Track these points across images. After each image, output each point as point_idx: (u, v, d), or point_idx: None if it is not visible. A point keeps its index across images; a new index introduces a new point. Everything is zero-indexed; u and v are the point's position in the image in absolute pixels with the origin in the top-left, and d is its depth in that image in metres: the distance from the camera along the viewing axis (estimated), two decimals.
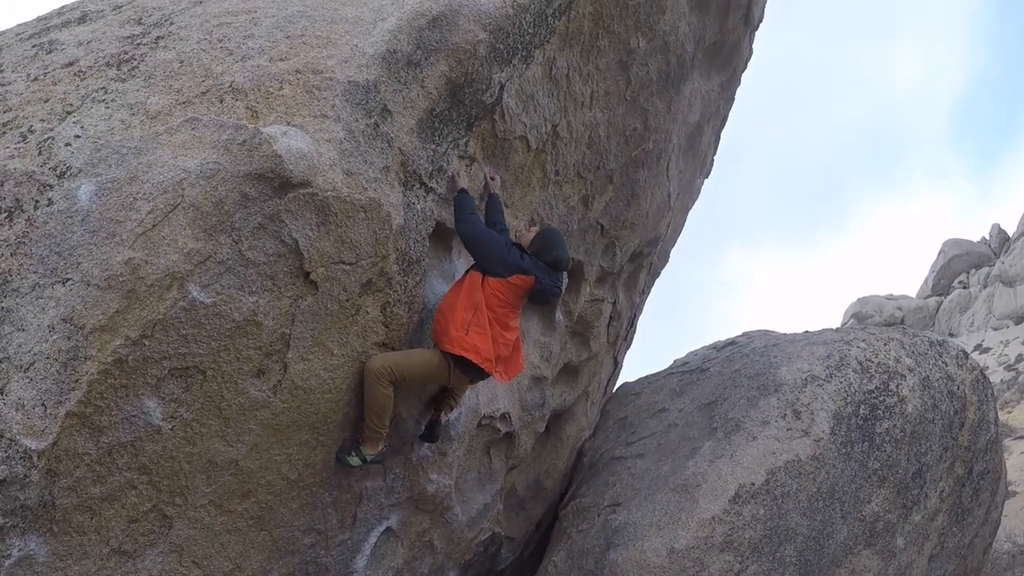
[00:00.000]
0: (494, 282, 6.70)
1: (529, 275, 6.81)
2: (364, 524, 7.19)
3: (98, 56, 6.09)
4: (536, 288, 6.88)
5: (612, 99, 9.04)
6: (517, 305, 6.95)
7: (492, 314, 6.68)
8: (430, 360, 6.62)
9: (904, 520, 9.31)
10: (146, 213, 4.95)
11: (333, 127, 5.67)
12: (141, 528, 5.40)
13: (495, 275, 6.71)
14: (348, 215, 5.69)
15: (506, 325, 6.85)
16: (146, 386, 5.03)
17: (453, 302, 6.64)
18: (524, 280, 6.81)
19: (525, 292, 6.89)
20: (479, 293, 6.65)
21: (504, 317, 6.80)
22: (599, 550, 8.64)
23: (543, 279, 6.89)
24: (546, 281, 6.91)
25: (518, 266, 6.78)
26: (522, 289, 6.85)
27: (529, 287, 6.86)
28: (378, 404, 6.36)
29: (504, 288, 6.72)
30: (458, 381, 6.84)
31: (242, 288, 5.27)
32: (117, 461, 5.07)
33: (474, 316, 6.59)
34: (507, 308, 6.81)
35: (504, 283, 6.73)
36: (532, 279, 6.84)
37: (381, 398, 6.34)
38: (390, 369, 6.35)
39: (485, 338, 6.61)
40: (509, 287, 6.75)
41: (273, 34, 6.12)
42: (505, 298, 6.76)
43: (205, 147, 5.20)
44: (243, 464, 5.75)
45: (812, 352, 9.89)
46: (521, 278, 6.79)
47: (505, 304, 6.77)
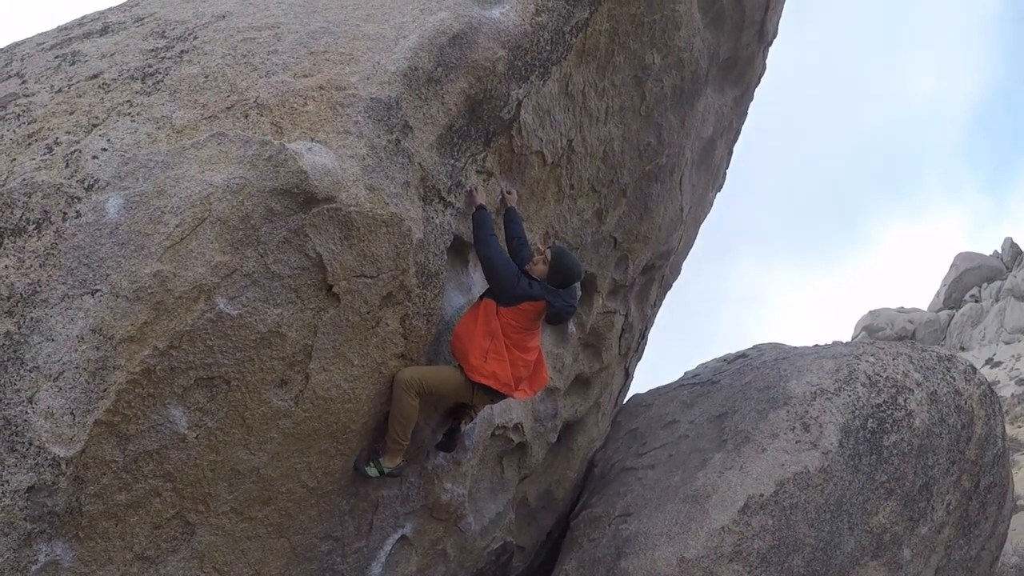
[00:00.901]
0: (505, 311, 6.83)
1: (539, 300, 6.90)
2: (380, 532, 7.29)
3: (122, 69, 6.18)
4: (549, 312, 6.99)
5: (627, 114, 9.12)
6: (533, 328, 7.07)
7: (509, 340, 6.84)
8: (455, 378, 6.79)
9: (911, 532, 9.38)
10: (174, 226, 5.06)
11: (356, 143, 5.78)
12: (164, 534, 5.50)
13: (506, 305, 6.85)
14: (370, 229, 5.80)
15: (524, 347, 6.98)
16: (172, 395, 5.14)
17: (471, 328, 6.77)
18: (534, 306, 6.94)
19: (539, 314, 7.00)
20: (495, 321, 6.80)
21: (521, 341, 6.95)
22: (610, 559, 8.74)
23: (555, 302, 6.98)
24: (558, 304, 7.00)
25: (526, 295, 6.86)
26: (534, 312, 6.98)
27: (541, 310, 6.97)
28: (404, 414, 6.50)
29: (516, 315, 6.88)
30: (480, 400, 6.99)
31: (267, 300, 5.39)
32: (143, 468, 5.18)
33: (492, 344, 6.74)
34: (523, 333, 6.96)
35: (516, 311, 6.87)
36: (543, 303, 6.94)
37: (408, 408, 6.48)
38: (419, 381, 6.51)
39: (504, 364, 6.75)
40: (521, 313, 6.90)
41: (296, 50, 6.22)
42: (520, 324, 6.91)
43: (231, 162, 5.30)
44: (264, 472, 5.86)
45: (821, 366, 9.97)
46: (531, 304, 6.89)
47: (520, 329, 6.93)
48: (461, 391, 6.83)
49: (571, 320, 9.54)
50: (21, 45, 7.24)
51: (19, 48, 7.13)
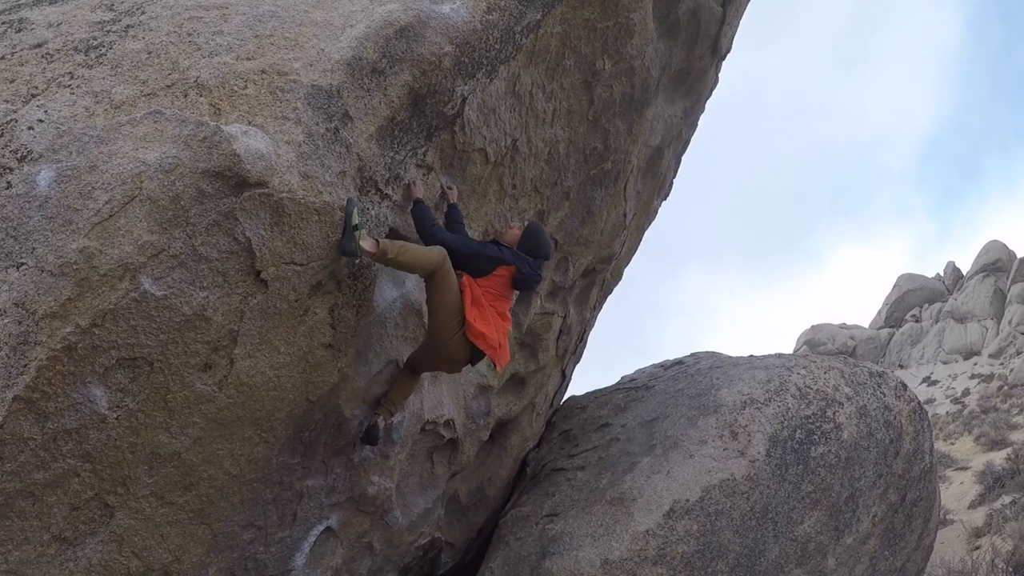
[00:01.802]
0: (483, 280, 6.96)
1: (510, 264, 7.09)
2: (304, 522, 7.22)
3: (67, 40, 6.08)
4: (518, 277, 7.15)
5: (574, 118, 9.14)
6: (508, 295, 7.28)
7: (491, 308, 6.96)
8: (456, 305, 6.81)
9: (836, 542, 9.51)
10: (103, 203, 4.98)
11: (293, 129, 5.74)
12: (82, 516, 5.41)
13: (480, 274, 6.98)
14: (302, 217, 5.75)
15: (504, 315, 7.21)
16: (94, 374, 5.05)
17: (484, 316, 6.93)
18: (508, 270, 7.13)
19: (511, 281, 7.15)
20: (476, 289, 6.88)
21: (501, 307, 7.16)
22: (535, 558, 8.75)
23: (523, 267, 7.17)
24: (526, 269, 7.20)
25: (499, 259, 7.05)
26: (508, 278, 7.16)
27: (513, 276, 7.14)
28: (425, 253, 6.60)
29: (492, 282, 7.05)
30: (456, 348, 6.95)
31: (193, 283, 5.31)
32: (62, 448, 5.09)
33: (478, 310, 6.82)
34: (500, 300, 7.15)
35: (491, 278, 7.05)
36: (514, 268, 7.11)
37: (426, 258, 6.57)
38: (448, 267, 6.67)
39: (490, 326, 6.86)
40: (496, 279, 7.08)
41: (242, 32, 6.16)
42: (497, 291, 7.09)
43: (166, 141, 5.24)
44: (186, 457, 5.78)
45: (753, 376, 10.08)
46: (505, 268, 7.09)
47: (498, 296, 7.12)
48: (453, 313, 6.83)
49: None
50: None
51: None
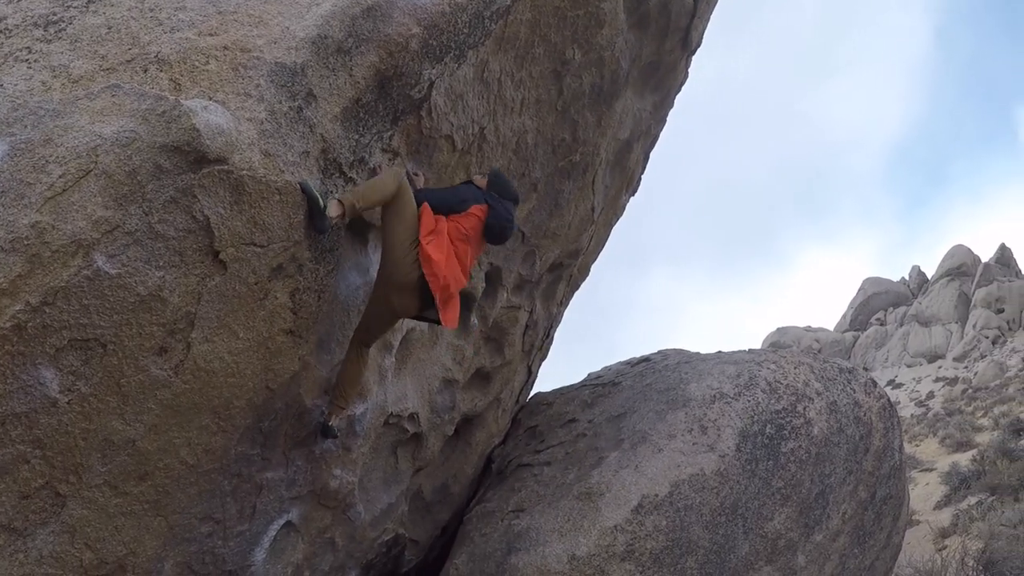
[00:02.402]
0: (455, 216, 6.87)
1: (483, 204, 7.04)
2: (264, 516, 7.06)
3: (27, 15, 5.90)
4: (490, 218, 7.08)
5: (543, 107, 9.10)
6: (475, 243, 7.09)
7: (452, 247, 6.77)
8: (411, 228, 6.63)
9: (806, 539, 9.47)
10: (57, 177, 4.81)
11: (256, 107, 5.59)
12: (33, 505, 5.22)
13: (453, 211, 6.91)
14: (263, 196, 5.60)
15: (463, 261, 6.94)
16: (44, 355, 4.87)
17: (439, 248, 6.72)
18: (480, 209, 7.04)
19: (481, 225, 7.05)
20: (442, 223, 6.76)
21: (462, 253, 6.91)
22: (500, 554, 8.63)
23: (496, 205, 7.11)
24: (498, 207, 7.13)
25: (472, 198, 7.05)
26: (479, 220, 7.02)
27: (485, 217, 7.03)
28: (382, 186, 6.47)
29: (464, 219, 6.93)
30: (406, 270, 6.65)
31: (149, 262, 5.13)
32: (11, 432, 4.90)
33: (436, 237, 6.65)
34: (466, 244, 6.95)
35: (464, 215, 6.95)
36: (487, 207, 7.05)
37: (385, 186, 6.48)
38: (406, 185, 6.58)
39: (441, 255, 6.62)
40: (469, 217, 6.96)
41: (205, 8, 6.02)
42: (465, 231, 6.91)
43: (124, 115, 5.08)
44: (140, 445, 5.59)
45: (723, 371, 10.06)
46: (478, 208, 7.02)
47: (465, 238, 6.92)
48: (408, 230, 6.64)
49: (473, 310, 9.46)
50: None
51: None
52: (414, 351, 8.73)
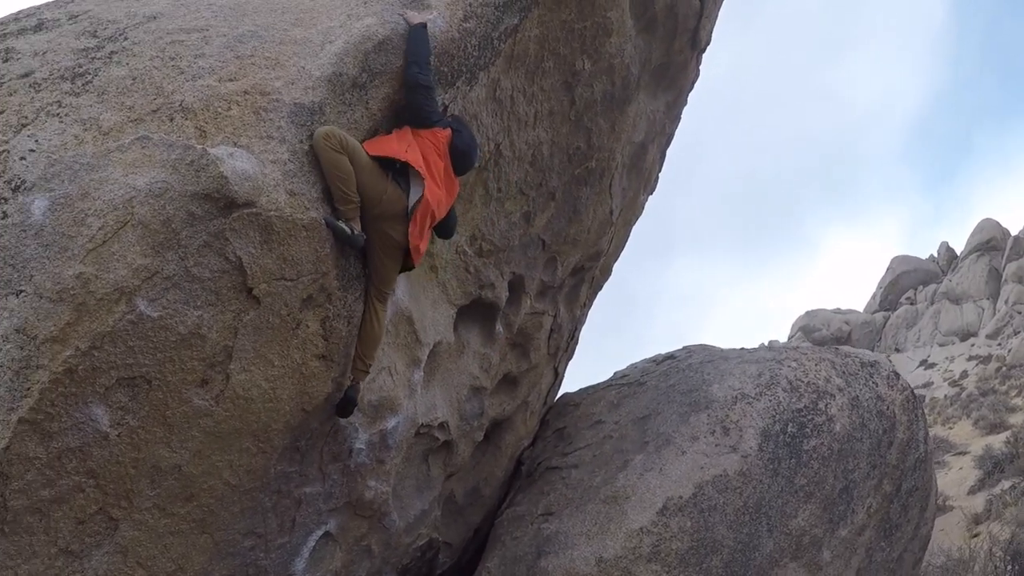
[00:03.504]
0: (425, 132, 6.81)
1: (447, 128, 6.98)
2: (303, 528, 7.35)
3: (53, 68, 6.20)
4: (455, 141, 6.99)
5: (556, 119, 9.25)
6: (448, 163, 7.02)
7: (425, 160, 6.73)
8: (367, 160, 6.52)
9: (831, 535, 9.65)
10: (97, 229, 5.13)
11: (278, 148, 5.89)
12: (88, 529, 5.55)
13: (422, 127, 6.82)
14: (290, 234, 5.90)
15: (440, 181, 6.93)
16: (95, 394, 5.21)
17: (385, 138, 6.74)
18: (445, 134, 6.93)
19: (447, 147, 6.95)
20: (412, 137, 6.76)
21: (435, 167, 6.85)
22: (531, 558, 8.89)
23: (461, 129, 7.12)
24: (465, 132, 7.14)
25: (441, 121, 6.95)
26: (445, 142, 6.91)
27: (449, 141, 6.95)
28: (338, 168, 6.29)
29: (433, 136, 6.84)
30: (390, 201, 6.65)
31: (187, 302, 5.46)
32: (66, 465, 5.24)
33: (410, 148, 6.65)
34: (440, 159, 6.90)
35: (433, 132, 6.84)
36: (449, 131, 6.97)
37: (338, 160, 6.27)
38: (339, 137, 6.30)
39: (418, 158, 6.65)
40: (437, 136, 6.86)
41: (224, 54, 6.29)
42: (436, 147, 6.84)
43: (155, 166, 5.38)
44: (186, 469, 5.91)
45: (744, 370, 10.21)
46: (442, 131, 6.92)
47: (439, 154, 6.88)
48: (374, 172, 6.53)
49: (498, 318, 9.65)
50: None
51: None
52: (441, 362, 8.93)
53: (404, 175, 6.60)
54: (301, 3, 7.06)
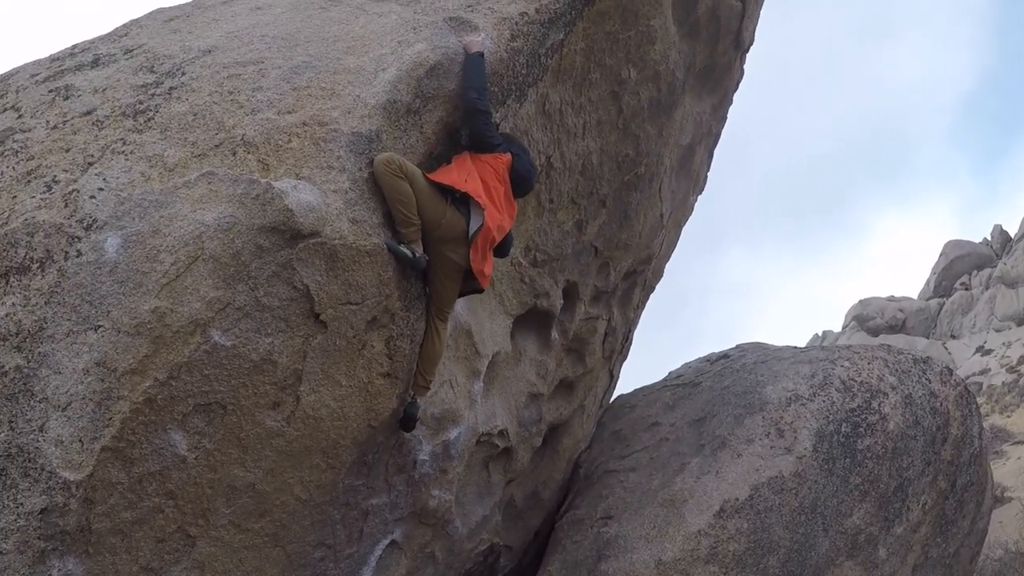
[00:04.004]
0: (486, 156, 6.95)
1: (506, 152, 7.11)
2: (370, 538, 7.57)
3: (114, 105, 6.44)
4: (516, 165, 7.14)
5: (604, 128, 9.36)
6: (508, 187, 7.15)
7: (484, 185, 6.85)
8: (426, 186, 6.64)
9: (886, 532, 9.74)
10: (169, 264, 5.38)
11: (339, 178, 6.09)
12: (167, 547, 5.81)
13: (484, 151, 6.96)
14: (354, 260, 6.11)
15: (500, 206, 7.02)
16: (173, 421, 5.47)
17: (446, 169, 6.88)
18: (506, 159, 7.08)
19: (507, 172, 7.09)
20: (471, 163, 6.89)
21: (496, 192, 6.97)
22: (591, 561, 9.07)
23: (520, 153, 7.25)
24: (523, 156, 7.28)
25: (503, 147, 7.10)
26: (505, 167, 7.05)
27: (509, 166, 7.10)
28: (398, 191, 6.44)
29: (494, 160, 6.98)
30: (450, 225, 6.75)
31: (259, 331, 5.71)
32: (147, 488, 5.50)
33: (470, 174, 6.78)
34: (500, 184, 7.03)
35: (494, 156, 6.98)
36: (511, 156, 7.12)
37: (398, 185, 6.43)
38: (398, 162, 6.46)
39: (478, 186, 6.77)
40: (498, 161, 7.00)
41: (280, 86, 6.50)
42: (496, 172, 6.97)
43: (221, 201, 5.62)
44: (260, 487, 6.16)
45: (797, 371, 10.30)
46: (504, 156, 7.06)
47: (499, 178, 7.00)
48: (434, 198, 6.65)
49: (554, 325, 9.80)
50: (15, 75, 7.44)
51: (13, 79, 7.33)
52: (500, 371, 9.11)
53: (464, 202, 6.75)
54: (351, 30, 7.25)
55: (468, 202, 6.76)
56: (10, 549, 5.10)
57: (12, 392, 5.17)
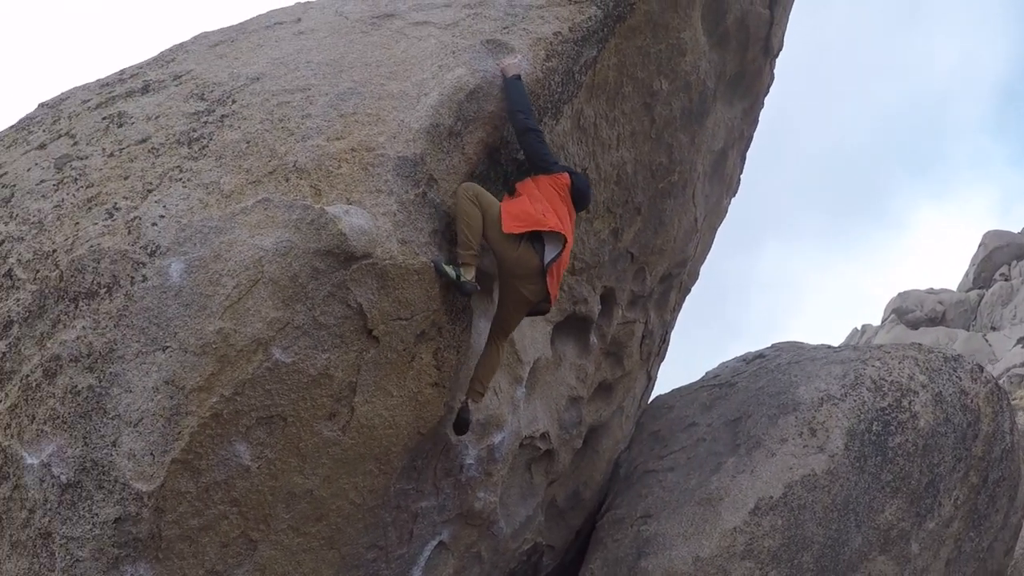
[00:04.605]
0: (544, 179, 7.18)
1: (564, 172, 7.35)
2: (419, 539, 7.88)
3: (169, 133, 6.82)
4: (576, 183, 7.35)
5: (638, 138, 9.54)
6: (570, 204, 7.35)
7: (555, 211, 7.08)
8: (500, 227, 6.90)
9: (918, 527, 9.94)
10: (231, 288, 5.75)
11: (387, 201, 6.43)
12: (231, 551, 6.18)
13: (544, 172, 7.20)
14: (403, 278, 6.44)
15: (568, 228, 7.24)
16: (237, 433, 5.85)
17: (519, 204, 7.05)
18: (565, 178, 7.30)
19: (568, 192, 7.30)
20: (538, 191, 7.13)
21: (562, 214, 7.18)
22: (632, 559, 9.36)
23: (575, 172, 7.54)
24: (582, 176, 7.53)
25: (561, 166, 7.38)
26: (564, 188, 7.27)
27: (568, 184, 7.31)
28: (467, 215, 6.81)
29: (555, 181, 7.21)
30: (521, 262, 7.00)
31: (316, 347, 6.07)
32: (213, 496, 5.88)
33: (543, 205, 7.03)
34: (564, 204, 7.24)
35: (553, 178, 7.21)
36: (568, 174, 7.34)
37: (470, 209, 6.81)
38: (475, 191, 6.89)
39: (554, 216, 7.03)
40: (558, 182, 7.23)
41: (328, 113, 6.83)
42: (559, 193, 7.20)
43: (278, 226, 5.98)
44: (317, 493, 6.51)
45: (829, 371, 10.50)
46: (563, 176, 7.30)
47: (562, 199, 7.23)
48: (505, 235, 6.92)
49: (592, 331, 10.06)
50: (66, 101, 7.83)
51: (65, 105, 7.72)
52: (540, 376, 9.34)
53: (538, 236, 6.99)
54: (393, 55, 7.55)
55: (542, 234, 7.00)
56: (86, 556, 5.52)
57: (86, 410, 5.57)
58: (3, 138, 7.69)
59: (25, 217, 6.42)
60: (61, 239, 6.12)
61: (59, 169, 6.72)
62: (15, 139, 7.53)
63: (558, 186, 7.24)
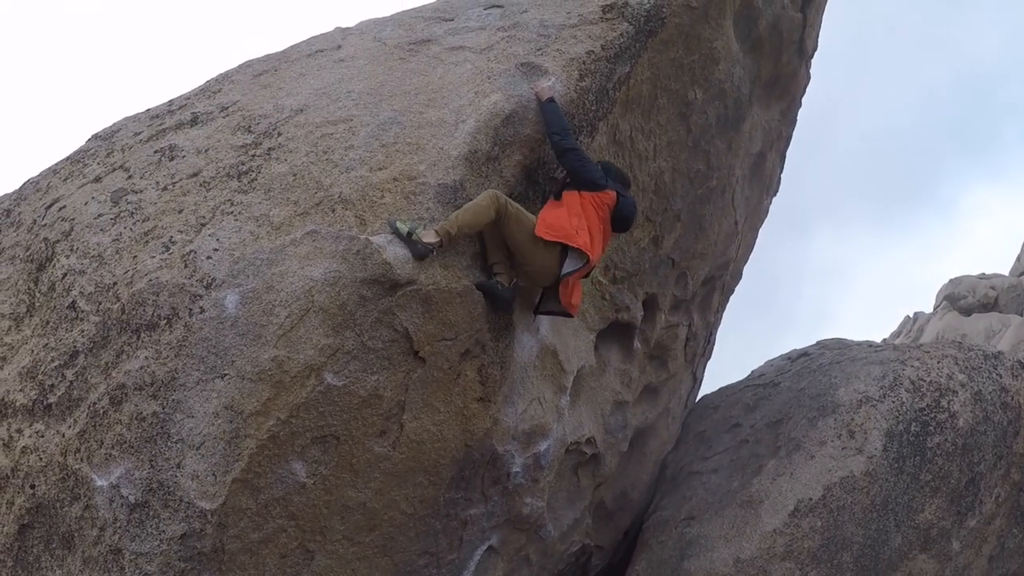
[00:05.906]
0: (588, 196, 7.30)
1: (610, 191, 7.49)
2: (469, 545, 8.12)
3: (218, 167, 7.15)
4: (620, 206, 7.53)
5: (674, 148, 9.72)
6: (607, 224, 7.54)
7: (590, 228, 7.22)
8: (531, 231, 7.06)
9: (959, 525, 10.06)
10: (284, 317, 6.11)
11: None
12: (289, 562, 6.53)
13: (590, 190, 7.33)
14: (447, 301, 6.75)
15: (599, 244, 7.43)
16: (294, 453, 6.20)
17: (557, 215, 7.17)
18: (610, 197, 7.47)
19: (609, 211, 7.48)
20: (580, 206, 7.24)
21: (596, 231, 7.33)
22: (675, 560, 9.57)
23: (623, 192, 7.65)
24: (628, 197, 7.67)
25: (607, 184, 7.47)
26: (608, 207, 7.45)
27: (613, 204, 7.49)
28: (478, 207, 6.84)
29: (598, 200, 7.35)
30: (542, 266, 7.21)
31: (366, 370, 6.40)
32: (272, 512, 6.24)
33: (579, 221, 7.18)
34: (601, 223, 7.41)
35: (597, 197, 7.35)
36: (614, 194, 7.50)
37: (482, 210, 6.85)
38: (505, 203, 6.95)
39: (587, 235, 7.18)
40: (602, 201, 7.38)
41: (370, 143, 7.13)
42: (599, 212, 7.35)
43: (326, 257, 6.31)
44: (370, 505, 6.83)
45: (868, 372, 10.58)
46: (609, 194, 7.45)
47: (601, 218, 7.39)
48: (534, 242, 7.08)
49: (636, 336, 10.25)
50: (118, 133, 8.16)
51: (117, 137, 8.06)
52: (585, 383, 9.51)
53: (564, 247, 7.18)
54: (430, 82, 7.81)
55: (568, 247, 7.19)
56: (154, 571, 5.90)
57: (151, 435, 5.94)
58: (59, 171, 8.04)
59: (86, 251, 6.78)
60: (121, 272, 6.49)
61: (115, 203, 7.06)
62: (71, 172, 7.89)
63: (599, 204, 7.39)
